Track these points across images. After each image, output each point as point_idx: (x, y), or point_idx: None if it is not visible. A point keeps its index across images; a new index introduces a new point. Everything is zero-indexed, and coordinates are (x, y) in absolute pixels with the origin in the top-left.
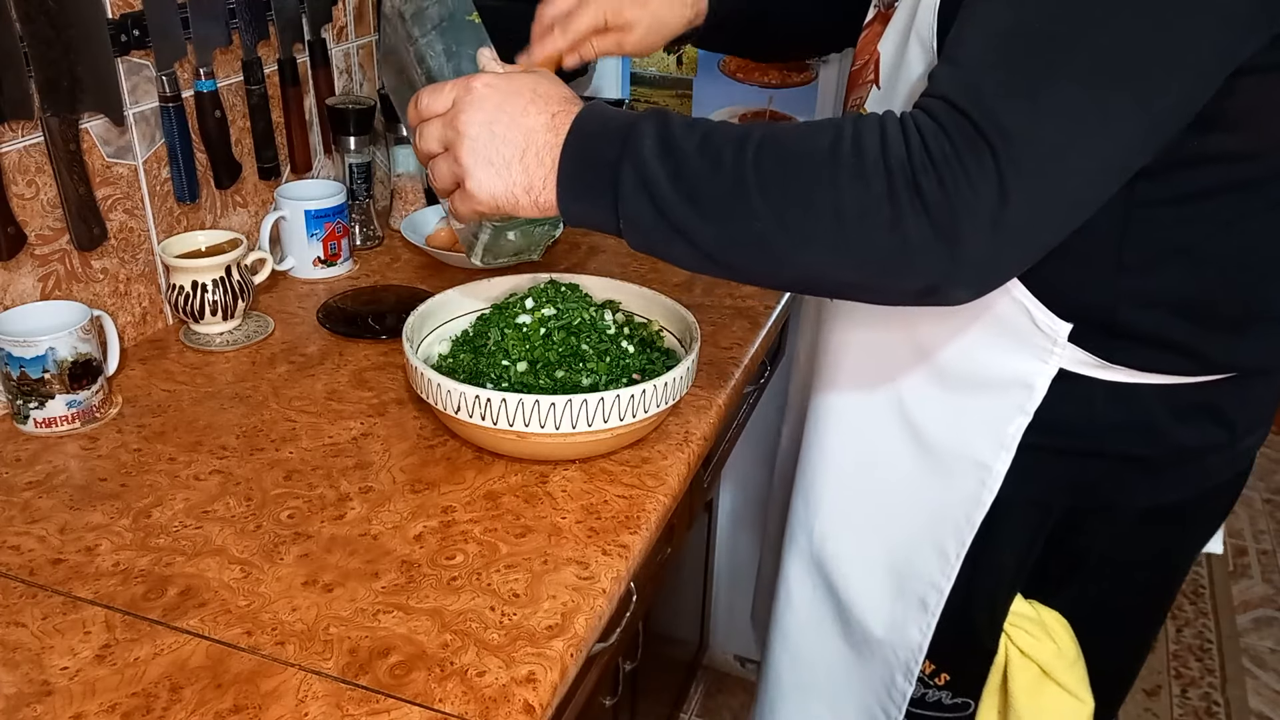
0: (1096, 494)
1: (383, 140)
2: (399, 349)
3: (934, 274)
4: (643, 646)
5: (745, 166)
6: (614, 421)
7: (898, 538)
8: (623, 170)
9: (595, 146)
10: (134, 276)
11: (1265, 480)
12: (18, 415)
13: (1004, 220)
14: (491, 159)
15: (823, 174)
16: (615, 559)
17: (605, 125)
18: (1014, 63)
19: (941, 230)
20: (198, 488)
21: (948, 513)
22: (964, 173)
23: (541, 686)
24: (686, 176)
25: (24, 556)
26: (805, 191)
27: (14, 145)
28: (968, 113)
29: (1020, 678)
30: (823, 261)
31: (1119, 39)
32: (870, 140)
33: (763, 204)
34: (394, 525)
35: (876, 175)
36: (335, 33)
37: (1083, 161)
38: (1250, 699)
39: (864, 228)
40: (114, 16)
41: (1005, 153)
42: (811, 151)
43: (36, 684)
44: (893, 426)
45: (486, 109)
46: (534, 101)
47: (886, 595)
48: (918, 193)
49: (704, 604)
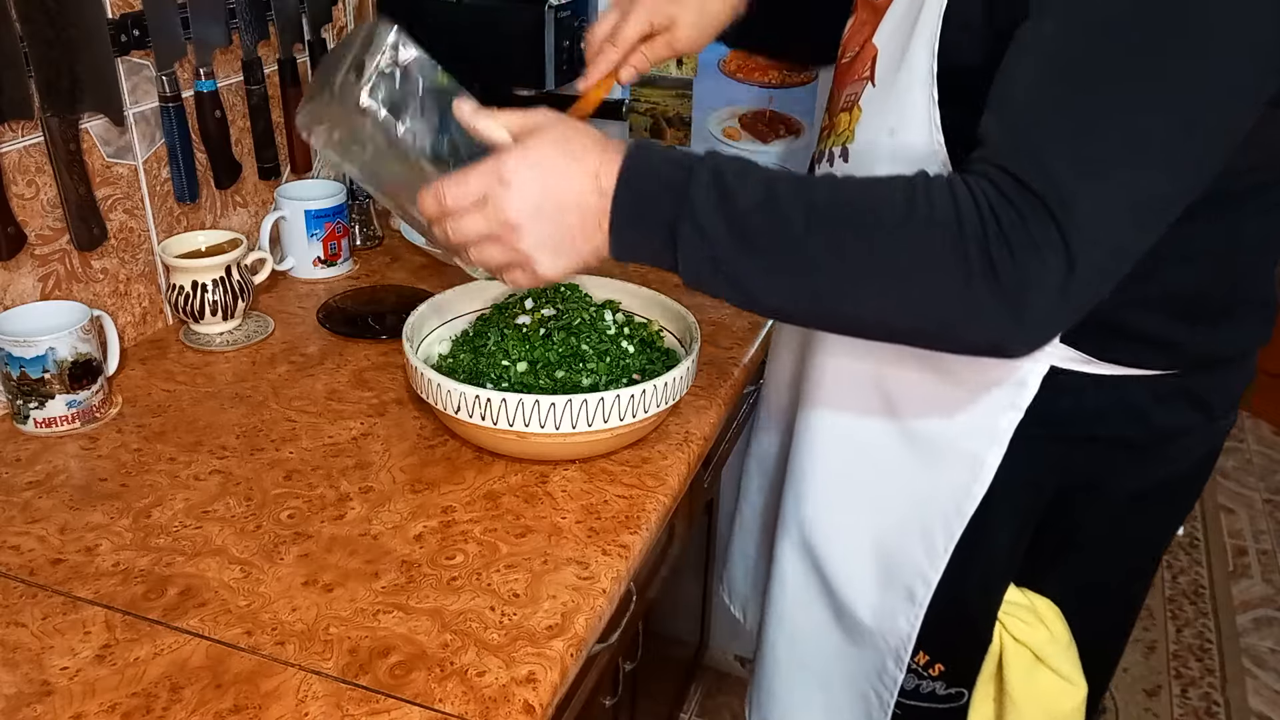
0: (1085, 476)
1: None
2: (399, 349)
3: (999, 336)
4: (643, 646)
5: (813, 226)
6: (614, 421)
7: (886, 527)
8: (680, 230)
9: (648, 205)
10: (134, 276)
11: (1265, 480)
12: (18, 415)
13: (1070, 287)
14: (552, 243)
15: (895, 239)
16: (615, 559)
17: (655, 179)
18: (1070, 129)
19: (1011, 299)
20: (198, 488)
21: (937, 504)
22: (1033, 245)
23: (541, 686)
24: (748, 235)
25: (24, 556)
26: (876, 255)
27: (14, 145)
28: (1030, 185)
29: (1014, 664)
30: (886, 320)
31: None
32: (943, 209)
33: (831, 264)
34: (394, 525)
35: (949, 246)
36: (335, 33)
37: (1143, 221)
38: (1250, 699)
39: (934, 295)
40: (114, 16)
41: (1070, 223)
42: (882, 217)
43: (36, 684)
44: (881, 417)
45: (529, 194)
46: (571, 165)
47: (874, 584)
48: (990, 264)
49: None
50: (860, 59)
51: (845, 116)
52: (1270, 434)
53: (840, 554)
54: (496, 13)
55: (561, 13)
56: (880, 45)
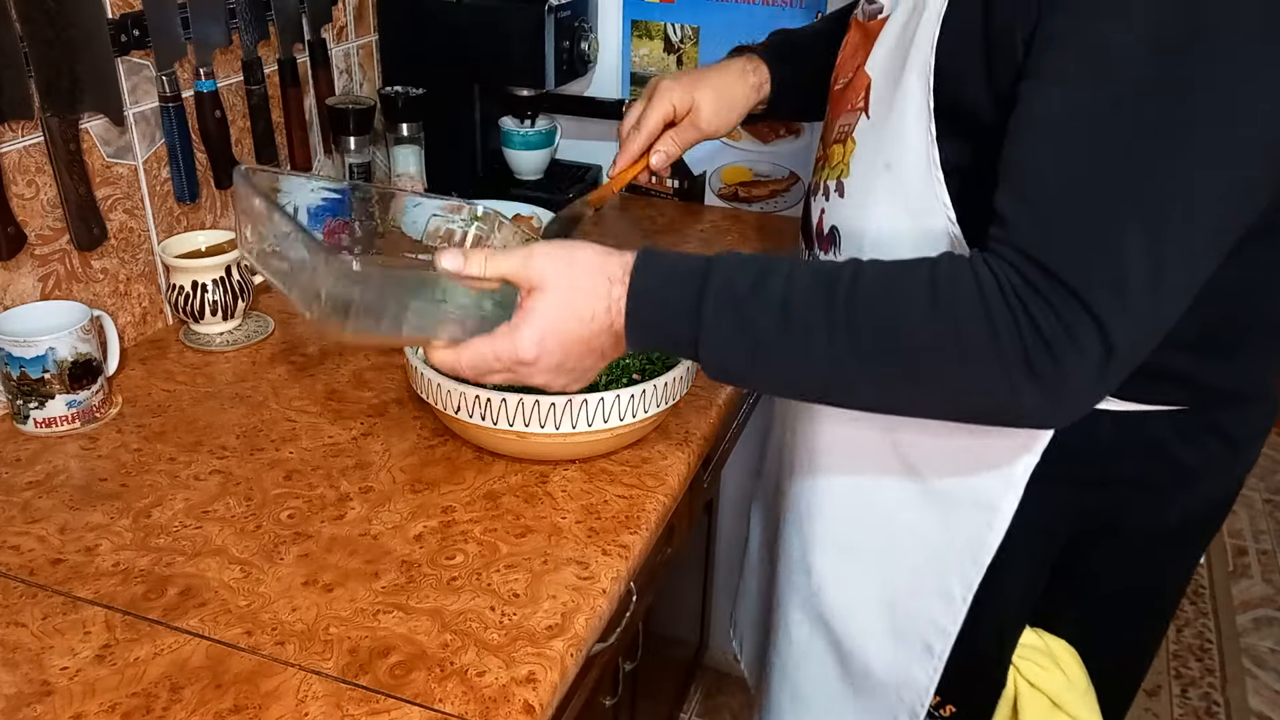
0: (1101, 518)
1: (382, 140)
2: (399, 349)
3: (1040, 420)
4: (643, 646)
5: (836, 339)
6: (614, 421)
7: (897, 579)
8: (700, 354)
9: (664, 338)
10: (134, 276)
11: (1265, 480)
12: (18, 415)
13: (1109, 366)
14: (574, 382)
15: (927, 348)
16: (615, 559)
17: (666, 309)
18: (1098, 215)
19: (1050, 390)
20: (198, 488)
21: (952, 555)
22: (1068, 336)
23: (541, 686)
24: (771, 358)
25: (24, 556)
26: (908, 365)
27: (14, 145)
28: (1060, 275)
29: (1031, 710)
30: (922, 414)
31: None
32: (970, 307)
33: (862, 374)
34: (394, 525)
35: (984, 349)
36: (335, 33)
37: (1180, 289)
38: (1250, 699)
39: (972, 396)
40: (114, 16)
41: (1106, 310)
42: (910, 323)
43: (36, 684)
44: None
45: (549, 362)
46: (584, 327)
47: (889, 638)
48: (1027, 360)
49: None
50: (853, 87)
51: (839, 149)
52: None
53: (848, 607)
54: (496, 13)
55: (561, 13)
56: (873, 74)
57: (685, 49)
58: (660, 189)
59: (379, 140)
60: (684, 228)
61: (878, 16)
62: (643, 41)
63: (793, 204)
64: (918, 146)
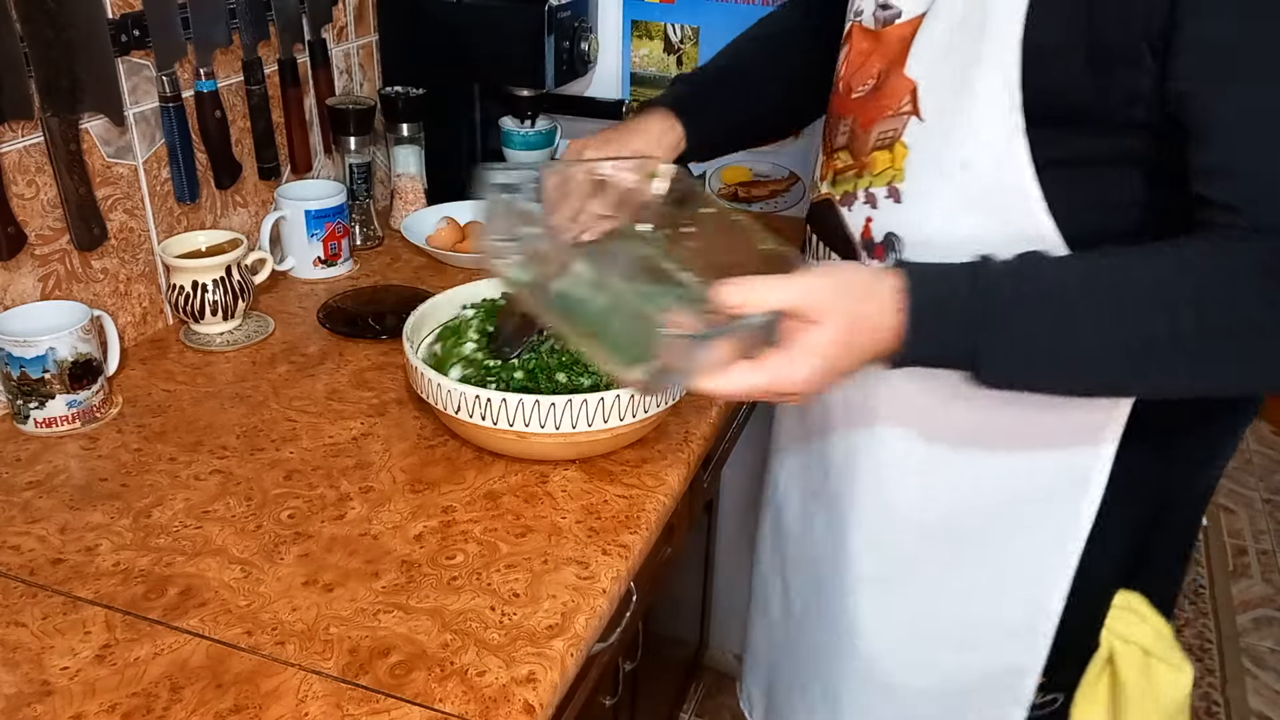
0: (1170, 479)
1: (383, 140)
2: (399, 349)
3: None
4: (643, 646)
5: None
6: (614, 421)
7: (1005, 574)
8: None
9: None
10: (134, 276)
11: (1265, 480)
12: (18, 415)
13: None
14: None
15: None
16: (615, 559)
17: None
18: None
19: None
20: (198, 488)
21: (1049, 533)
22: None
23: (541, 686)
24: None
25: (24, 556)
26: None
27: (14, 145)
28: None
29: (1126, 664)
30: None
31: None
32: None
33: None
34: (394, 525)
35: None
36: (335, 33)
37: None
38: (1250, 699)
39: None
40: (114, 16)
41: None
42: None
43: (36, 684)
44: (974, 461)
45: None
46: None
47: (999, 638)
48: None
49: (704, 604)
50: (886, 93)
51: (884, 155)
52: (1270, 434)
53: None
54: (496, 13)
55: (561, 13)
56: (919, 77)
57: (685, 49)
58: None
59: (379, 140)
60: None
61: (895, 21)
62: (643, 41)
63: (793, 204)
64: (996, 143)
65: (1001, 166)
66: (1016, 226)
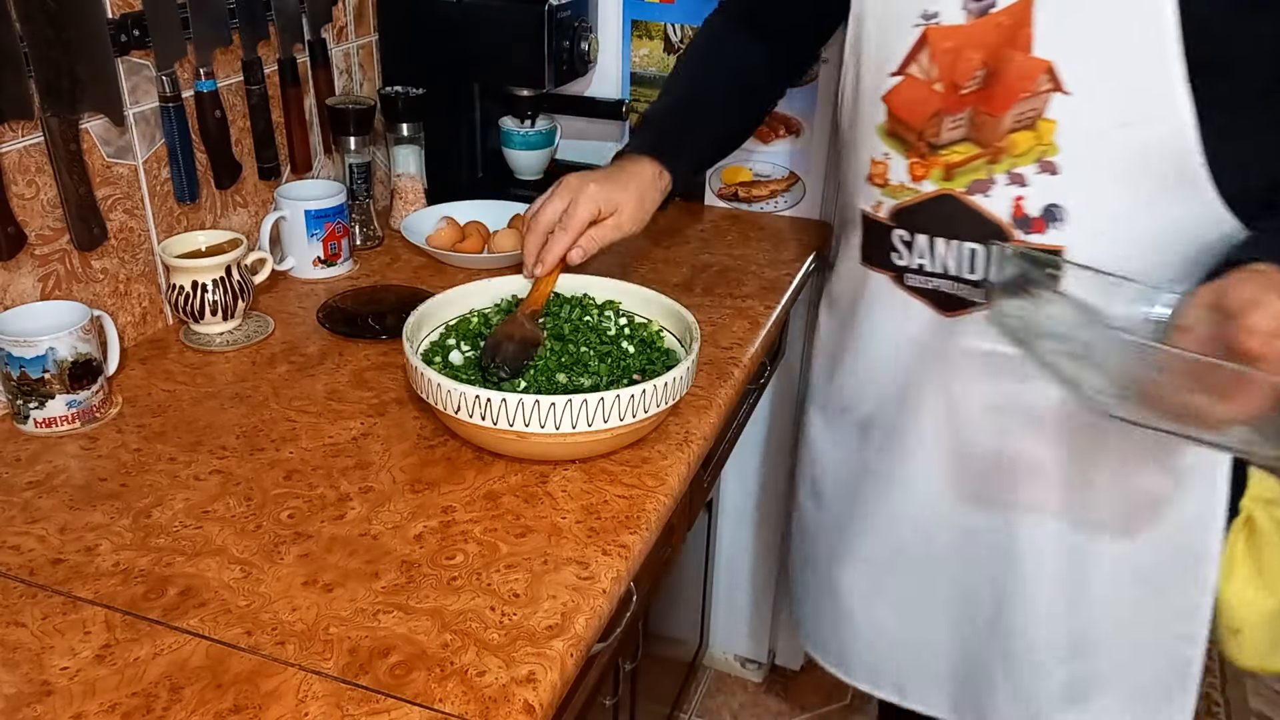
0: None
1: (383, 140)
2: (399, 349)
3: None
4: (643, 646)
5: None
6: (614, 421)
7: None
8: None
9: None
10: (134, 276)
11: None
12: (18, 415)
13: None
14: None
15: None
16: (615, 559)
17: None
18: None
19: None
20: (198, 488)
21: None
22: None
23: (541, 686)
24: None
25: (24, 556)
26: None
27: (14, 145)
28: None
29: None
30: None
31: None
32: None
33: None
34: (394, 525)
35: None
36: (335, 33)
37: None
38: (1250, 699)
39: None
40: (114, 16)
41: None
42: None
43: (36, 684)
44: None
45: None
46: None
47: None
48: None
49: (704, 604)
50: (1011, 78)
51: (1027, 134)
52: None
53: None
54: (496, 13)
55: (561, 13)
56: (1053, 55)
57: (685, 49)
58: None
59: (379, 140)
60: (684, 228)
61: (991, 10)
62: (643, 41)
63: (793, 204)
64: (1161, 96)
65: (1164, 119)
66: (1175, 179)
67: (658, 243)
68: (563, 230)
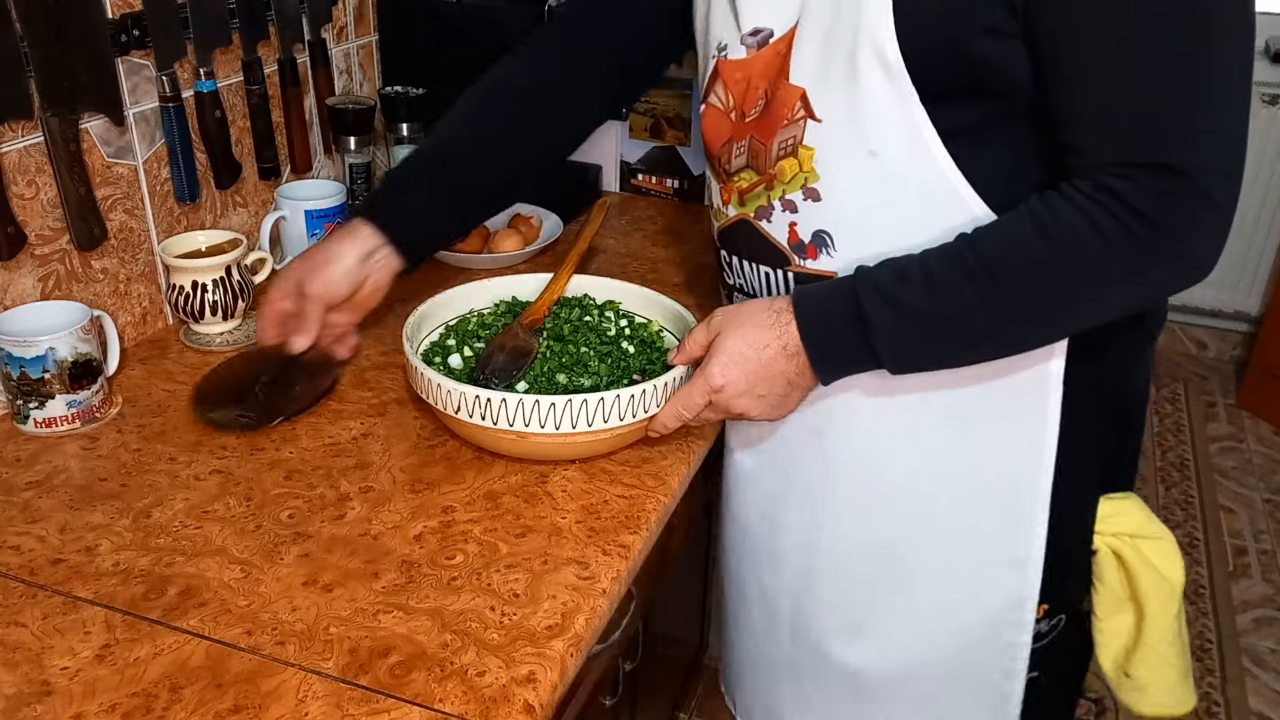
0: (1126, 371)
1: (383, 140)
2: (399, 349)
3: (1184, 284)
4: (643, 646)
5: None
6: (614, 421)
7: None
8: (877, 346)
9: (838, 346)
10: (134, 276)
11: (1265, 480)
12: (18, 415)
13: (1221, 225)
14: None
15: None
16: (615, 559)
17: (831, 321)
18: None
19: (1178, 260)
20: (198, 488)
21: (1017, 471)
22: (1180, 209)
23: (541, 686)
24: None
25: (24, 556)
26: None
27: (14, 145)
28: (1150, 161)
29: (1129, 555)
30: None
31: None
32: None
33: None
34: (394, 525)
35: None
36: (335, 33)
37: (1241, 151)
38: (1250, 699)
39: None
40: (114, 16)
41: (1202, 173)
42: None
43: (36, 684)
44: (936, 424)
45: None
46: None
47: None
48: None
49: (704, 604)
50: (776, 106)
51: (790, 163)
52: (1270, 434)
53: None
54: (496, 13)
55: None
56: (805, 82)
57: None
58: (660, 189)
59: (379, 140)
60: (684, 227)
61: (770, 41)
62: None
63: None
64: (896, 124)
65: (907, 146)
66: (936, 201)
67: (657, 243)
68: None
